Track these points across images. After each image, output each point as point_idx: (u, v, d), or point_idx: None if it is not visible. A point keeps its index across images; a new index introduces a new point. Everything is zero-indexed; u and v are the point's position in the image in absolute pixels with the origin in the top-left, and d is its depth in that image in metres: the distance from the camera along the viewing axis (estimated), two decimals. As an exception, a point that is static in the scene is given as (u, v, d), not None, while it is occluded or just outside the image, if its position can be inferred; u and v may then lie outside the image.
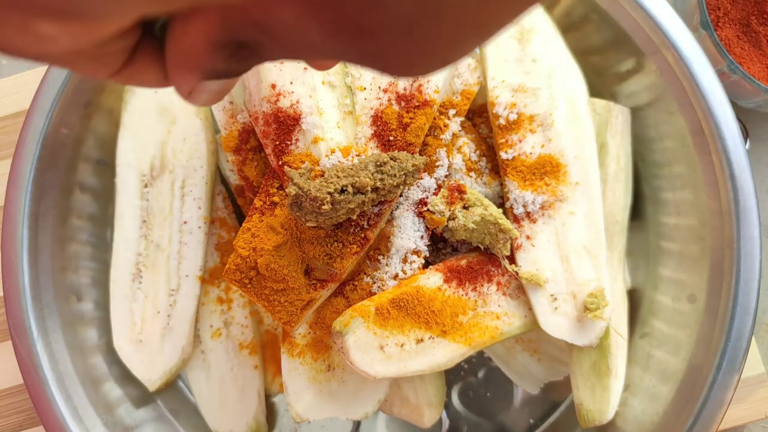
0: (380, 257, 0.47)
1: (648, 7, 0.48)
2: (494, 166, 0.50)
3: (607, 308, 0.46)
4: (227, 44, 0.19)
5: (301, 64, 0.45)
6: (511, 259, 0.47)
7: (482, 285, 0.47)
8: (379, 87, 0.47)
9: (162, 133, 0.53)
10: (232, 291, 0.55)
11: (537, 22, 0.49)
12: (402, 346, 0.44)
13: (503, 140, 0.48)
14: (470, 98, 0.50)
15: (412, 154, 0.45)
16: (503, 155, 0.48)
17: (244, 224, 0.46)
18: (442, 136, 0.48)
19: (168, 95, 0.53)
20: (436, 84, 0.46)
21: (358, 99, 0.47)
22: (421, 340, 0.45)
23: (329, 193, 0.40)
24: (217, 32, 0.19)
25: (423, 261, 0.47)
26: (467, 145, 0.50)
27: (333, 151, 0.44)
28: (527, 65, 0.49)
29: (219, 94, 0.23)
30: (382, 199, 0.44)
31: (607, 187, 0.51)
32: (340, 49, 0.18)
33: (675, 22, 0.48)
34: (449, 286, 0.46)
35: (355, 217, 0.44)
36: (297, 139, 0.45)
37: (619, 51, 0.52)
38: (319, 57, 0.19)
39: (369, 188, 0.41)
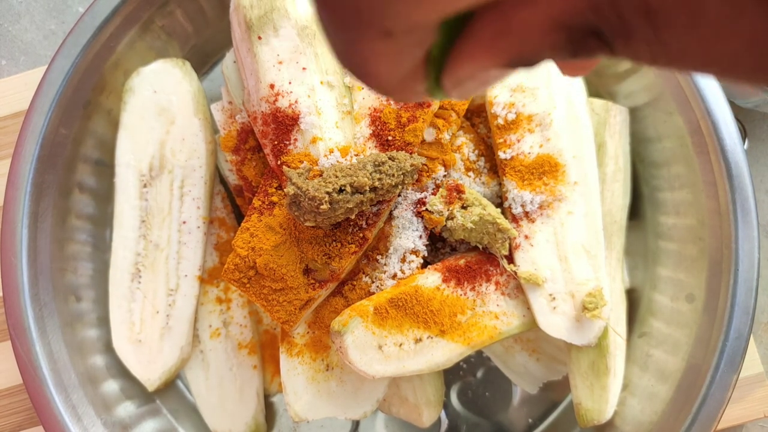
0: (379, 257, 0.47)
1: (646, 7, 0.48)
2: (493, 165, 0.50)
3: (606, 308, 0.46)
4: (576, 27, 0.15)
5: (299, 64, 0.45)
6: (510, 259, 0.47)
7: (481, 284, 0.47)
8: (378, 87, 0.47)
9: (161, 133, 0.53)
10: (231, 291, 0.55)
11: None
12: (400, 345, 0.44)
13: (502, 140, 0.48)
14: (469, 98, 0.50)
15: (411, 153, 0.45)
16: (502, 155, 0.48)
17: (242, 224, 0.46)
18: (440, 136, 0.48)
19: (167, 95, 0.54)
20: (435, 84, 0.46)
21: (356, 98, 0.47)
22: (420, 339, 0.45)
23: (327, 192, 0.40)
24: (577, 8, 0.15)
25: (421, 261, 0.47)
26: (466, 145, 0.50)
27: (331, 151, 0.44)
28: (526, 65, 0.49)
29: (482, 88, 0.19)
30: (381, 199, 0.44)
31: (605, 187, 0.51)
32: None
33: (673, 21, 0.48)
34: (448, 286, 0.46)
35: (353, 217, 0.44)
36: (295, 139, 0.45)
37: (617, 51, 0.52)
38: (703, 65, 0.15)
39: (367, 188, 0.42)
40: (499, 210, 0.46)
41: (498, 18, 0.16)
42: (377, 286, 0.46)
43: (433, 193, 0.47)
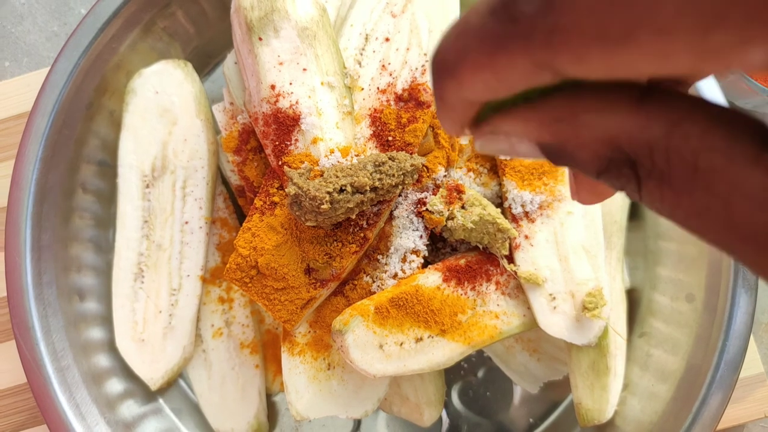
0: (379, 257, 0.47)
1: (646, 7, 0.48)
2: (493, 166, 0.51)
3: (606, 307, 0.46)
4: (623, 151, 0.16)
5: (300, 65, 0.46)
6: (510, 259, 0.48)
7: (481, 284, 0.47)
8: (378, 88, 0.47)
9: (163, 133, 0.54)
10: (233, 290, 0.56)
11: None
12: (401, 344, 0.44)
13: (502, 140, 0.48)
14: (486, 152, 0.50)
15: (411, 154, 0.45)
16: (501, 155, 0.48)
17: (244, 224, 0.46)
18: (441, 136, 0.48)
19: (169, 96, 0.54)
20: (435, 84, 0.46)
21: (356, 99, 0.47)
22: (421, 339, 0.45)
23: (328, 192, 0.40)
24: (635, 140, 0.16)
25: (422, 260, 0.47)
26: (466, 145, 0.50)
27: (332, 151, 0.45)
28: (526, 65, 0.49)
29: (504, 152, 0.21)
30: (381, 199, 0.44)
31: (605, 187, 0.51)
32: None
33: (673, 22, 0.48)
34: (448, 286, 0.46)
35: (354, 217, 0.44)
36: (296, 140, 0.45)
37: (617, 51, 0.53)
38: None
39: (368, 188, 0.42)
40: (499, 210, 0.46)
41: (566, 108, 0.17)
42: (378, 286, 0.47)
43: (434, 193, 0.47)
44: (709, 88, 0.47)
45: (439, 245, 0.51)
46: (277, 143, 0.45)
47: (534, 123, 0.18)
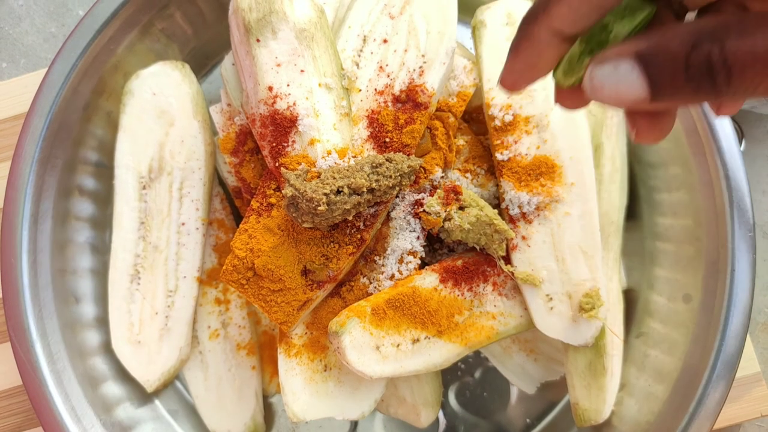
0: (376, 258, 0.47)
1: (642, 9, 0.48)
2: (490, 167, 0.51)
3: (603, 308, 0.46)
4: (699, 38, 0.20)
5: (297, 67, 0.46)
6: (507, 260, 0.48)
7: (478, 285, 0.47)
8: (375, 89, 0.47)
9: (160, 135, 0.54)
10: (230, 292, 0.56)
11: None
12: (398, 346, 0.44)
13: (499, 141, 0.49)
14: (466, 100, 0.50)
15: (408, 155, 0.45)
16: (499, 156, 0.48)
17: (241, 225, 0.46)
18: (438, 137, 0.48)
19: (166, 97, 0.54)
20: (432, 86, 0.47)
21: (354, 101, 0.47)
22: (417, 340, 0.45)
23: (325, 194, 0.40)
24: (717, 29, 0.20)
25: (419, 261, 0.48)
26: (463, 146, 0.50)
27: (329, 153, 0.45)
28: (522, 67, 0.49)
29: (611, 82, 0.23)
30: (378, 200, 0.44)
31: (602, 188, 0.51)
32: None
33: (669, 23, 0.48)
34: (445, 287, 0.46)
35: (351, 218, 0.44)
36: (293, 141, 0.45)
37: (614, 52, 0.53)
38: None
39: (365, 189, 0.42)
40: (496, 211, 0.46)
41: (660, 29, 0.22)
42: (375, 287, 0.47)
43: (431, 195, 0.47)
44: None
45: (436, 246, 0.51)
46: (274, 145, 0.45)
47: (632, 43, 0.22)
